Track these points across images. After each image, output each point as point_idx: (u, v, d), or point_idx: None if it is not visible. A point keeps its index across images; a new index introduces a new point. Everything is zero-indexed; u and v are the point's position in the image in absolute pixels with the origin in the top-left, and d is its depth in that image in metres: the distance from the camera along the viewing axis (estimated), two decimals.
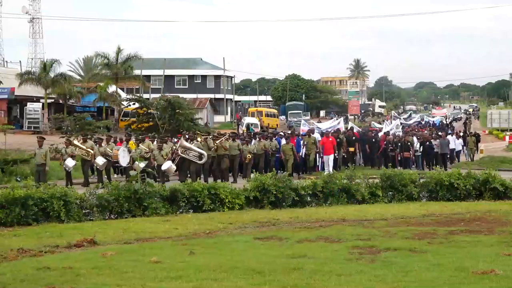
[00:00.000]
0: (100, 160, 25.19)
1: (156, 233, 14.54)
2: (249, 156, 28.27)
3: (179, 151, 25.62)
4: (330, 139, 29.24)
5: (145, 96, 65.90)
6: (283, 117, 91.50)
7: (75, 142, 26.23)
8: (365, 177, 22.04)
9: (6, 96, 57.75)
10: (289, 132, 36.36)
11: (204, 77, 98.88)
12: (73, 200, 17.05)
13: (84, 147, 25.72)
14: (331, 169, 27.22)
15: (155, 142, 28.32)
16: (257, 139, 30.56)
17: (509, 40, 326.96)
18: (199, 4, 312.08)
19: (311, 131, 31.62)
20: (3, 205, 16.06)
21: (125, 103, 61.67)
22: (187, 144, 26.23)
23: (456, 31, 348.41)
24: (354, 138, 32.45)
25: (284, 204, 19.44)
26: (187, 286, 8.84)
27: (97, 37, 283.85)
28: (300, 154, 29.82)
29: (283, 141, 30.14)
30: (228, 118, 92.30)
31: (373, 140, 32.71)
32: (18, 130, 55.19)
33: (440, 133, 39.83)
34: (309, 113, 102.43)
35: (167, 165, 24.49)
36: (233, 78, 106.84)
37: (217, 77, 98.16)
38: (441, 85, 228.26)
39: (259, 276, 9.49)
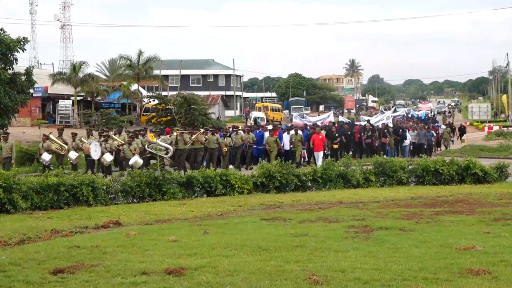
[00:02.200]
0: (72, 154, 24.11)
1: (173, 215, 14.54)
2: (225, 149, 27.21)
3: (146, 146, 23.88)
4: (320, 136, 28.06)
5: (164, 93, 65.87)
6: (286, 111, 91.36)
7: (51, 136, 25.05)
8: (359, 164, 22.03)
9: (40, 94, 57.80)
10: (270, 126, 35.08)
11: (216, 76, 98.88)
12: (100, 186, 17.07)
13: (59, 142, 24.67)
14: (320, 163, 25.83)
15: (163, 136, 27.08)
16: (235, 132, 29.42)
17: (486, 42, 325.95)
18: (211, 11, 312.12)
19: (298, 128, 30.40)
20: (38, 191, 16.09)
21: (146, 99, 61.61)
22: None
23: (439, 34, 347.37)
24: (335, 134, 30.69)
25: (287, 188, 19.45)
26: (201, 262, 8.83)
27: (121, 41, 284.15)
28: (282, 146, 28.42)
29: (267, 134, 29.03)
30: (238, 113, 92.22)
31: (349, 132, 31.47)
32: (51, 124, 55.23)
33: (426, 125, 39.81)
34: (309, 107, 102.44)
35: (134, 159, 23.13)
36: (241, 77, 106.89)
37: (228, 76, 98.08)
38: (427, 82, 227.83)
39: (266, 252, 9.48)
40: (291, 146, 28.07)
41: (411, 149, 34.31)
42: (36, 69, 46.17)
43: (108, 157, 23.87)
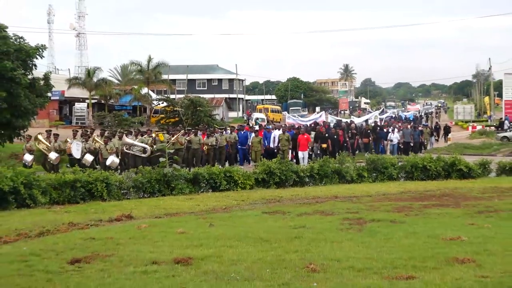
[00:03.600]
0: (53, 155, 22.88)
1: (181, 209, 14.55)
2: (205, 148, 26.38)
3: (124, 148, 23.49)
4: (305, 136, 27.21)
5: (172, 96, 65.84)
6: (285, 113, 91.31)
7: (39, 137, 24.02)
8: (353, 161, 22.05)
9: (57, 98, 57.93)
10: (257, 127, 34.28)
11: (220, 80, 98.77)
12: (113, 183, 17.09)
13: (46, 143, 23.55)
14: (305, 162, 25.42)
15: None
16: (219, 132, 28.30)
17: (471, 48, 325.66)
18: (215, 19, 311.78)
19: (286, 129, 29.28)
20: (56, 187, 16.12)
21: (155, 102, 61.75)
22: (129, 140, 24.02)
23: (428, 40, 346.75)
24: (320, 135, 29.58)
25: (286, 184, 19.47)
26: (207, 252, 8.84)
27: (132, 48, 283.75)
28: (270, 146, 27.70)
29: (253, 135, 28.12)
30: (240, 114, 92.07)
31: (334, 135, 30.05)
32: (68, 125, 55.37)
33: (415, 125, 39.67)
34: (307, 109, 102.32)
35: (111, 159, 22.15)
36: (244, 81, 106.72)
37: (231, 80, 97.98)
38: (415, 85, 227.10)
39: (267, 243, 9.49)
40: (279, 145, 27.25)
41: (401, 147, 34.07)
42: (54, 74, 46.21)
43: (89, 158, 22.84)
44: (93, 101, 62.18)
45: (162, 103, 55.54)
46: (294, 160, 25.90)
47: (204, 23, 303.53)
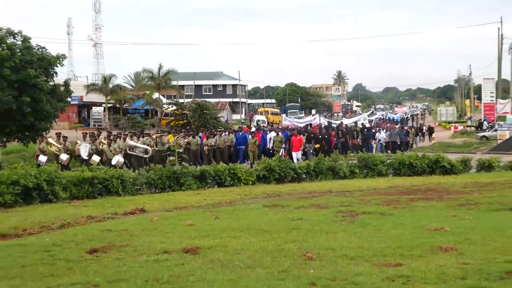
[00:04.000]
0: (63, 156, 22.65)
1: (190, 203, 14.55)
2: (206, 148, 26.32)
3: (127, 149, 23.20)
4: (298, 138, 26.86)
5: (180, 100, 65.76)
6: (284, 115, 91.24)
7: (49, 140, 23.98)
8: (346, 159, 22.05)
9: (77, 102, 58.04)
10: (254, 128, 34.01)
11: (224, 85, 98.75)
12: (128, 179, 17.10)
13: (57, 144, 23.42)
14: (299, 160, 24.88)
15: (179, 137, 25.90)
16: (218, 134, 28.08)
17: (452, 55, 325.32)
18: (219, 31, 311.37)
19: (279, 131, 29.23)
20: (75, 183, 16.13)
21: (165, 106, 61.65)
22: (131, 143, 23.69)
23: (413, 48, 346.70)
24: (312, 136, 29.33)
25: (285, 180, 19.47)
26: (213, 242, 8.84)
27: (144, 57, 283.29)
28: (267, 146, 27.44)
29: (250, 137, 27.61)
30: (243, 116, 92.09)
31: (326, 136, 29.69)
32: (86, 127, 55.34)
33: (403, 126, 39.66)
34: (303, 111, 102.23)
35: (116, 159, 21.87)
36: (246, 86, 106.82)
37: (234, 86, 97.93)
38: (402, 89, 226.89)
39: (267, 234, 9.49)
40: (273, 145, 27.04)
41: (389, 145, 34.00)
42: (73, 81, 46.22)
43: (96, 158, 22.54)
44: (109, 105, 62.16)
45: (172, 106, 55.48)
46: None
47: (209, 34, 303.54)
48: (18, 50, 27.59)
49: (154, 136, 25.80)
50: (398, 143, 33.52)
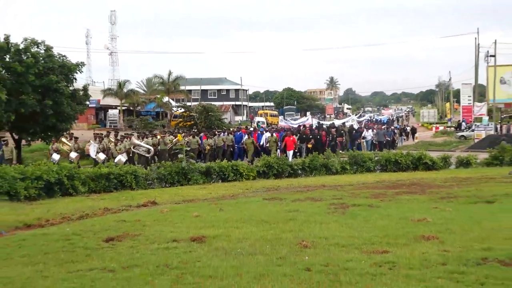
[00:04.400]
0: (73, 154, 22.27)
1: (196, 196, 14.56)
2: (207, 147, 25.88)
3: (132, 147, 22.82)
4: (291, 138, 26.31)
5: (188, 103, 65.76)
6: (281, 117, 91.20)
7: (63, 139, 23.89)
8: (337, 156, 22.04)
9: (94, 105, 57.87)
10: (252, 128, 33.68)
11: (228, 90, 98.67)
12: (140, 175, 17.12)
13: (69, 144, 23.20)
14: (290, 158, 23.77)
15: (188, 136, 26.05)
16: (217, 134, 27.58)
17: (434, 62, 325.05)
18: (223, 40, 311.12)
19: (273, 131, 28.81)
20: (93, 179, 16.16)
21: (174, 108, 61.65)
22: (137, 141, 23.35)
23: (398, 56, 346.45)
24: (305, 136, 28.79)
25: (283, 175, 19.49)
26: (218, 232, 8.84)
27: (155, 64, 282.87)
28: (261, 144, 26.90)
29: (246, 136, 27.37)
30: (244, 118, 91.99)
31: (318, 136, 29.07)
32: (103, 127, 55.35)
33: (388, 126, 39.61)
34: (299, 114, 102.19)
35: (118, 158, 21.10)
36: (247, 91, 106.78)
37: (237, 90, 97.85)
38: (388, 93, 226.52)
39: (267, 224, 9.48)
40: (267, 145, 26.64)
41: (375, 144, 33.73)
42: (91, 86, 46.29)
43: (102, 156, 22.17)
44: (123, 108, 62.20)
45: (180, 109, 55.56)
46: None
47: (214, 43, 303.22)
48: (41, 58, 27.65)
49: (158, 137, 25.54)
50: (384, 142, 33.45)
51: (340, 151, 28.63)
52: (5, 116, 25.27)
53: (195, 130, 30.84)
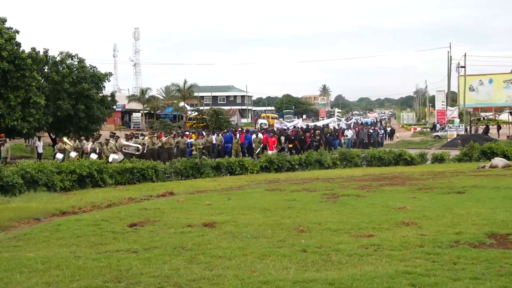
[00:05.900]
0: (72, 154, 20.68)
1: (208, 188, 14.55)
2: (194, 148, 22.81)
3: (121, 148, 20.96)
4: (273, 139, 24.84)
5: (201, 108, 65.79)
6: (281, 119, 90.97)
7: (65, 139, 22.63)
8: (329, 153, 21.98)
9: (120, 109, 58.03)
10: (241, 129, 31.79)
11: (235, 96, 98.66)
12: (160, 169, 17.10)
13: (70, 144, 21.65)
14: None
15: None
16: (205, 135, 26.10)
17: (412, 72, 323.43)
18: (230, 54, 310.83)
19: (258, 132, 27.56)
20: (119, 172, 16.15)
21: (189, 112, 61.71)
22: (124, 142, 21.54)
23: (381, 67, 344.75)
24: (291, 137, 27.87)
25: (282, 169, 19.42)
26: (226, 218, 8.83)
27: (173, 74, 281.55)
28: (250, 143, 25.69)
29: (239, 136, 26.17)
30: (249, 120, 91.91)
31: (302, 137, 27.58)
32: (127, 128, 55.45)
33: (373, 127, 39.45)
34: (296, 117, 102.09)
35: (112, 157, 19.35)
36: (252, 97, 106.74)
37: (243, 96, 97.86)
38: (373, 99, 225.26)
39: (268, 212, 9.47)
40: (253, 145, 25.47)
41: (356, 142, 32.98)
42: (117, 93, 46.35)
43: (93, 156, 19.96)
44: (145, 111, 62.32)
45: (194, 113, 55.70)
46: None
47: (223, 56, 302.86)
48: (75, 69, 27.87)
49: (146, 137, 23.23)
50: (366, 141, 32.96)
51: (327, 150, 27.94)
52: (44, 119, 25.48)
53: (182, 132, 28.14)
